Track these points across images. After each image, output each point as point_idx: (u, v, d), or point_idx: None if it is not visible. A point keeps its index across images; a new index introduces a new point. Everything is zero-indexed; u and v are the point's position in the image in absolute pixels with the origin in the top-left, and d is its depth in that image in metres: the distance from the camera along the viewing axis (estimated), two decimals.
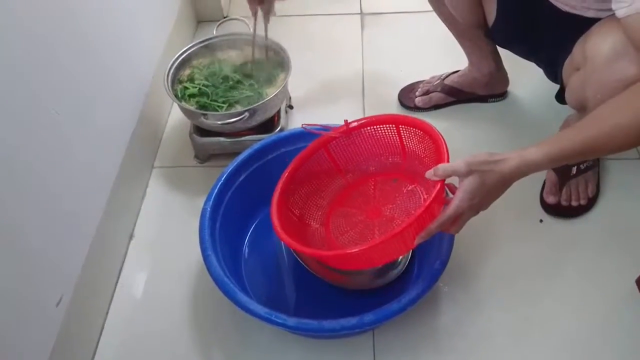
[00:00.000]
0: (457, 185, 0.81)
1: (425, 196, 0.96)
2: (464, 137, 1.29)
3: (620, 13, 0.78)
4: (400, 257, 1.05)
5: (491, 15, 1.12)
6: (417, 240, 0.81)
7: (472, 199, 0.78)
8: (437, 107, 1.37)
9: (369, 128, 1.01)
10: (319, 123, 1.01)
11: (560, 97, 1.05)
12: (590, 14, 0.91)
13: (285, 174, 0.99)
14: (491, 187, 0.78)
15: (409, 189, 1.00)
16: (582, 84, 0.89)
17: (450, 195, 0.83)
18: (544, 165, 0.77)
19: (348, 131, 1.01)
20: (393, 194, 1.01)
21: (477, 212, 0.81)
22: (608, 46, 0.83)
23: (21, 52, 0.82)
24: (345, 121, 1.00)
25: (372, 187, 1.05)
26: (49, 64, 0.89)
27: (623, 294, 1.03)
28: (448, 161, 0.83)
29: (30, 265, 0.84)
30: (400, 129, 0.98)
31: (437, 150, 0.88)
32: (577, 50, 0.92)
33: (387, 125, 0.99)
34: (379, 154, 1.03)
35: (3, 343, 0.78)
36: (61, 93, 0.92)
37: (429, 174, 0.82)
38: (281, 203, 0.96)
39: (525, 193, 1.17)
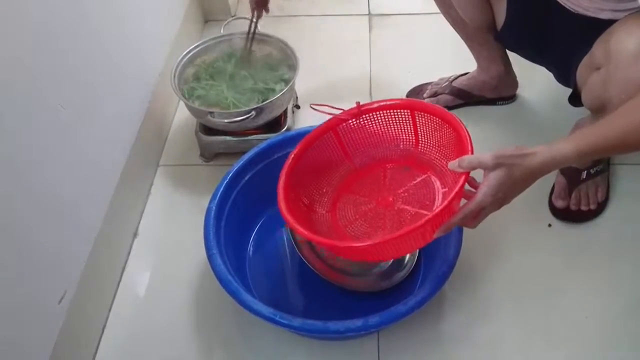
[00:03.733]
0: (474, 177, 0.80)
1: (440, 186, 0.94)
2: (472, 140, 1.28)
3: None
4: (407, 259, 1.04)
5: (500, 18, 1.11)
6: (437, 234, 0.79)
7: (497, 194, 0.76)
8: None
9: (381, 112, 0.97)
10: (329, 105, 0.96)
11: (573, 99, 1.04)
12: (604, 15, 0.89)
13: (292, 156, 0.94)
14: (517, 181, 0.76)
15: (422, 178, 0.97)
16: (603, 83, 0.87)
17: (469, 188, 0.81)
18: (573, 159, 0.75)
19: (359, 114, 0.97)
20: (404, 183, 0.98)
21: (500, 207, 0.79)
22: (634, 43, 0.80)
23: (28, 45, 0.81)
24: (357, 103, 0.97)
25: (382, 174, 1.01)
26: (56, 58, 0.88)
27: (633, 299, 1.02)
28: (472, 152, 0.80)
29: (34, 261, 0.83)
30: (416, 115, 0.95)
31: (458, 140, 0.85)
32: (598, 48, 0.89)
33: (402, 111, 0.96)
34: (390, 139, 1.00)
35: (5, 339, 0.77)
36: (67, 88, 0.92)
37: (453, 165, 0.79)
38: (287, 186, 0.91)
39: (534, 197, 1.15)
